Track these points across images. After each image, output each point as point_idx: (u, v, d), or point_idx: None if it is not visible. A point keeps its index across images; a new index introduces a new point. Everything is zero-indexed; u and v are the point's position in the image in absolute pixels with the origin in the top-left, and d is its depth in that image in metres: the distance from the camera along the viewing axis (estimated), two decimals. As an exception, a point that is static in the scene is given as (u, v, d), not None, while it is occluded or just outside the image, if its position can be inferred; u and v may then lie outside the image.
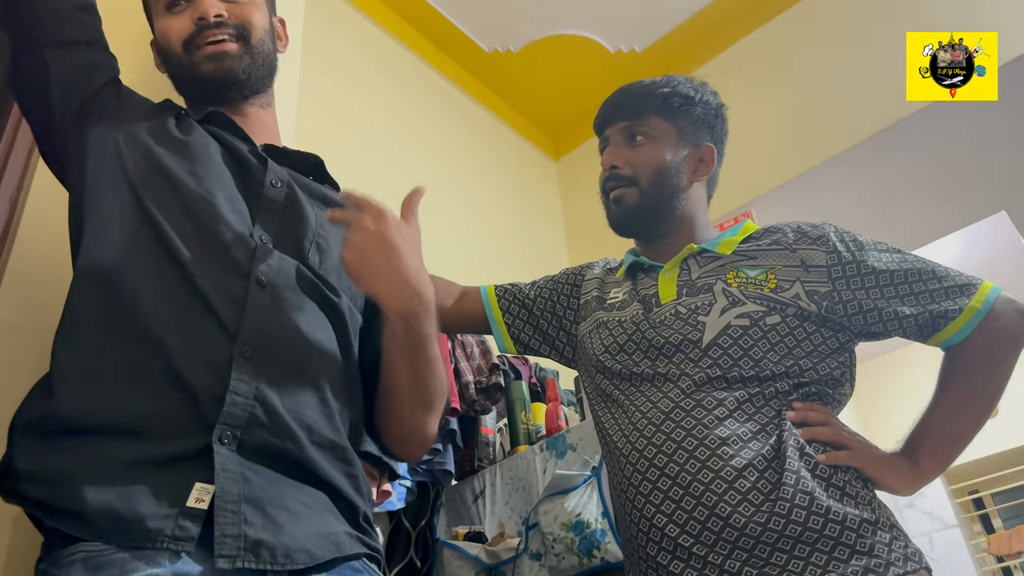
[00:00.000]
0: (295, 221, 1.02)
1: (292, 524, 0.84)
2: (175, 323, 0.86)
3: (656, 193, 1.24)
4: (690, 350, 1.08)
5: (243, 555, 0.79)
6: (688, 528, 0.97)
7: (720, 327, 1.08)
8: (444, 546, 1.74)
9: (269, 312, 0.91)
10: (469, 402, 1.87)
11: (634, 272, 1.28)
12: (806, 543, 0.93)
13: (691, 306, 1.12)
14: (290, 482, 0.87)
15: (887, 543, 0.93)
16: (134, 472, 0.79)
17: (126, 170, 0.97)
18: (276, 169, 1.06)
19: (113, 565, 0.74)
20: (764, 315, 1.08)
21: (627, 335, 1.16)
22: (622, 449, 1.08)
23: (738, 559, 0.94)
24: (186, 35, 1.09)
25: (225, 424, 0.82)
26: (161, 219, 0.93)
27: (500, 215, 2.93)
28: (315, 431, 0.90)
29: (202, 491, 0.79)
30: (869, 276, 1.10)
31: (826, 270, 1.11)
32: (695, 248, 1.21)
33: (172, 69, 1.13)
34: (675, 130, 1.27)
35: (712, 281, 1.14)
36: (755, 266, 1.15)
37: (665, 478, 1.01)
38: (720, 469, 0.98)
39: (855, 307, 1.09)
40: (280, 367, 0.89)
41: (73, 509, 0.76)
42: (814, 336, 1.08)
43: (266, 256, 0.95)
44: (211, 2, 1.09)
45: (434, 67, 2.99)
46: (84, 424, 0.81)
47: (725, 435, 1.00)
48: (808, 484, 0.96)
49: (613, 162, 1.28)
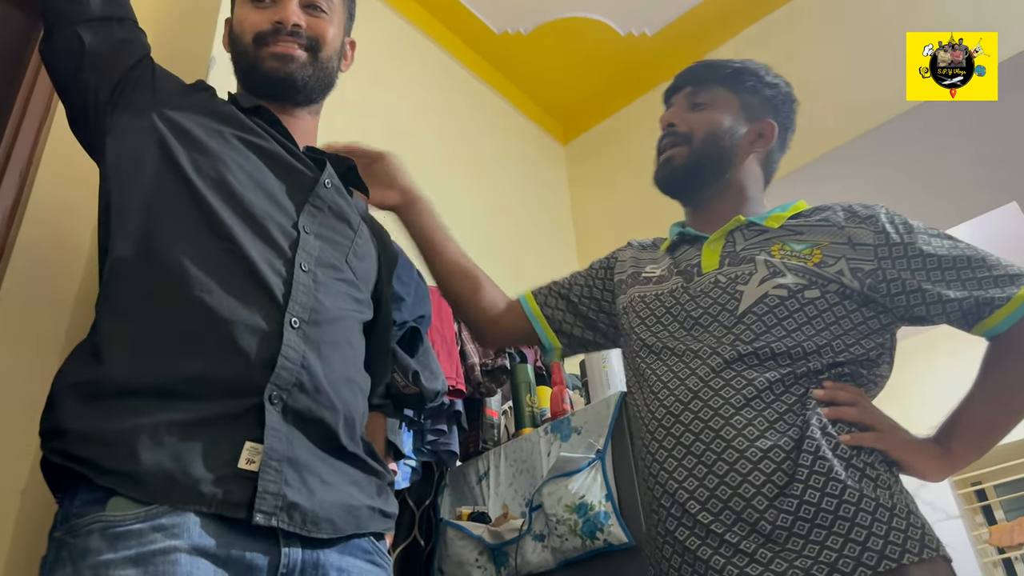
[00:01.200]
0: (338, 222, 1.08)
1: (323, 492, 0.88)
2: (224, 290, 0.89)
3: (706, 154, 1.24)
4: (725, 319, 1.08)
5: (279, 514, 0.82)
6: (709, 506, 0.97)
7: (757, 296, 1.07)
8: (448, 526, 1.75)
9: (312, 292, 0.96)
10: (474, 384, 1.88)
11: (678, 245, 1.27)
12: (822, 526, 0.92)
13: (731, 275, 1.12)
14: (322, 453, 0.90)
15: (903, 529, 0.92)
16: (186, 432, 0.81)
17: (165, 146, 1.00)
18: (331, 172, 1.11)
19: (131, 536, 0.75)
20: (803, 288, 1.06)
21: (665, 308, 1.16)
22: (648, 424, 1.08)
23: (755, 541, 0.94)
24: (260, 31, 1.13)
25: (275, 385, 0.86)
26: (205, 195, 0.96)
27: (507, 198, 2.92)
28: (348, 405, 0.95)
29: (252, 451, 0.82)
30: (916, 258, 1.07)
31: (872, 249, 1.09)
32: (743, 220, 1.20)
33: (237, 55, 1.17)
34: (738, 101, 1.28)
35: (756, 252, 1.14)
36: (801, 241, 1.14)
37: (690, 456, 1.01)
38: (745, 450, 0.98)
39: (899, 287, 1.07)
40: (322, 341, 0.94)
41: (126, 470, 0.78)
42: (854, 315, 1.07)
43: (307, 245, 0.99)
44: (294, 10, 1.14)
45: (442, 47, 2.97)
46: (136, 386, 0.83)
47: (751, 416, 1.00)
48: (825, 464, 0.95)
49: (671, 120, 1.30)
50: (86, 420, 0.82)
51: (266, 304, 0.91)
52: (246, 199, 0.97)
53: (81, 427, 0.81)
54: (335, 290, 1.00)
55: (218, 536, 0.79)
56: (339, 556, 0.88)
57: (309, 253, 0.99)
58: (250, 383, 0.85)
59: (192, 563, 0.75)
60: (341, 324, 1.00)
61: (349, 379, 0.97)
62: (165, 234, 0.93)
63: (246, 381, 0.86)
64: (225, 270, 0.91)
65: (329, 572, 0.86)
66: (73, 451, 0.81)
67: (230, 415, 0.84)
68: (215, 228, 0.94)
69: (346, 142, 1.31)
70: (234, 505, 0.80)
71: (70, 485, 0.82)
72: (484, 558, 1.68)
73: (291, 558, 0.83)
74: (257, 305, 0.90)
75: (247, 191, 0.98)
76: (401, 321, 1.51)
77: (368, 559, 0.93)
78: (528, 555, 1.59)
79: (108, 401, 0.83)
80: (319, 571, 0.85)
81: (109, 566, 0.74)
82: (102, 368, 0.85)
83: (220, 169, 0.98)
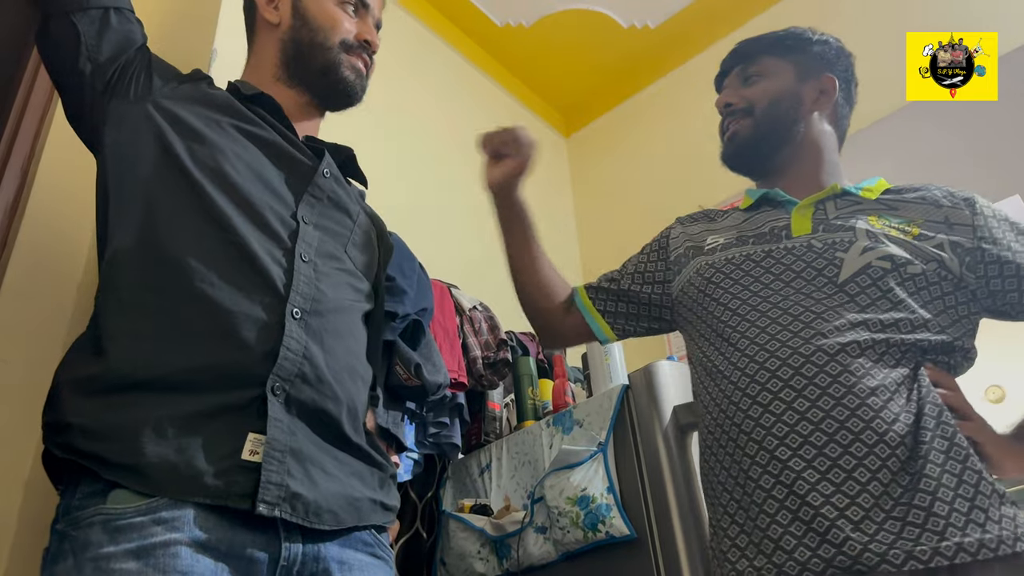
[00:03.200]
0: (337, 212, 1.08)
1: (326, 483, 0.88)
2: (225, 281, 0.89)
3: (772, 119, 1.22)
4: (822, 284, 1.04)
5: (282, 505, 0.82)
6: (831, 476, 0.92)
7: (860, 265, 1.03)
8: (450, 518, 1.75)
9: (313, 282, 0.95)
10: (477, 377, 1.88)
11: (758, 207, 1.23)
12: (944, 501, 0.89)
13: (828, 241, 1.07)
14: (325, 444, 0.90)
15: (1012, 516, 0.90)
16: (189, 424, 0.81)
17: (162, 136, 0.99)
18: (330, 162, 1.12)
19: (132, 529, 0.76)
20: (907, 262, 1.03)
21: (744, 271, 1.10)
22: (740, 385, 1.01)
23: (879, 512, 0.90)
24: (350, 39, 1.18)
25: (277, 376, 0.86)
26: (203, 184, 0.95)
27: (510, 191, 2.91)
28: (351, 396, 0.95)
29: (255, 442, 0.82)
30: (1017, 243, 1.06)
31: (971, 228, 1.07)
32: (838, 189, 1.18)
33: (310, 45, 1.17)
34: (791, 64, 1.25)
35: (852, 221, 1.10)
36: (897, 215, 1.11)
37: (805, 422, 0.95)
38: (871, 420, 0.93)
39: (996, 270, 1.05)
40: (324, 332, 0.94)
41: (131, 463, 0.79)
42: (948, 297, 1.04)
43: (307, 236, 0.99)
44: (374, 33, 1.24)
45: (444, 40, 2.96)
46: (139, 380, 0.83)
47: (874, 385, 0.95)
48: (945, 443, 0.93)
49: (727, 100, 1.27)
50: (90, 414, 0.82)
51: (267, 294, 0.90)
52: (245, 189, 0.97)
53: (85, 422, 0.81)
54: (336, 280, 1.00)
55: (219, 529, 0.79)
56: (340, 549, 0.88)
57: (309, 243, 0.98)
58: (252, 374, 0.85)
59: (193, 556, 0.75)
60: (343, 314, 0.99)
61: (352, 369, 0.97)
62: (164, 224, 0.93)
63: (248, 372, 0.85)
64: (225, 260, 0.91)
65: (330, 565, 0.86)
66: (78, 445, 0.81)
67: (233, 406, 0.83)
68: (214, 218, 0.93)
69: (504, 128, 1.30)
70: (238, 496, 0.80)
71: (72, 478, 0.82)
72: (486, 550, 1.68)
73: (291, 551, 0.83)
74: (258, 296, 0.90)
75: (245, 181, 0.98)
76: (404, 314, 1.51)
77: (369, 551, 0.92)
78: (530, 547, 1.59)
79: (111, 395, 0.83)
80: (319, 564, 0.85)
81: (110, 559, 0.74)
82: (104, 362, 0.84)
83: (218, 158, 0.98)
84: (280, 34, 1.19)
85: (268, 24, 1.20)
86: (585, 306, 1.34)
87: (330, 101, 1.20)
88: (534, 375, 1.95)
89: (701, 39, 3.05)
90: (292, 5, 1.19)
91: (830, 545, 0.89)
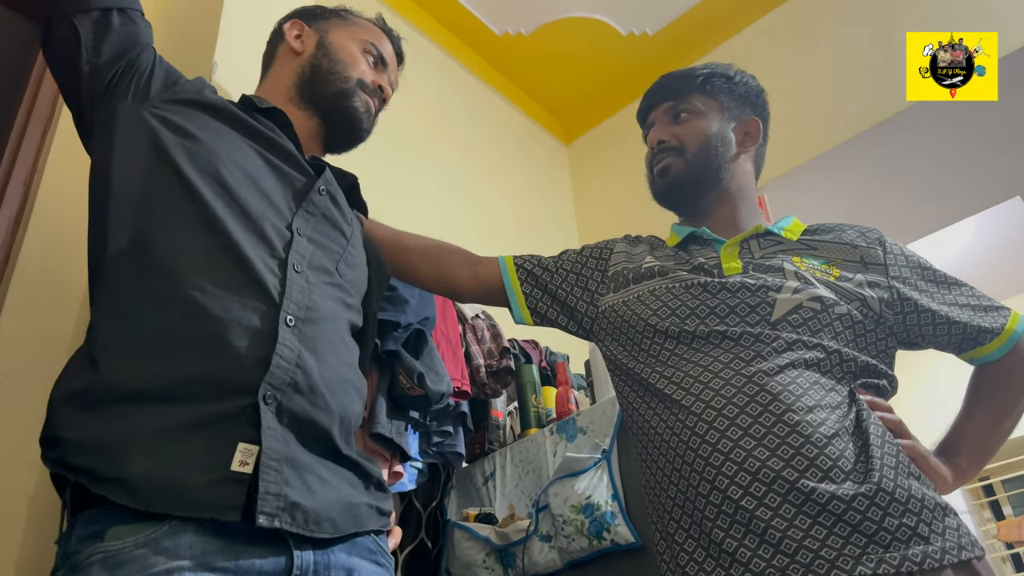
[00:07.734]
0: (332, 230, 1.08)
1: (323, 490, 0.87)
2: (218, 287, 0.88)
3: (703, 163, 1.25)
4: (755, 322, 1.07)
5: (281, 515, 0.80)
6: (776, 486, 0.93)
7: (791, 306, 1.07)
8: (455, 527, 1.75)
9: (306, 291, 0.95)
10: (480, 385, 1.88)
11: (685, 245, 1.26)
12: (893, 515, 0.91)
13: (761, 281, 1.10)
14: (315, 456, 0.89)
15: (955, 528, 0.93)
16: (178, 436, 0.80)
17: (158, 140, 0.98)
18: (328, 178, 1.12)
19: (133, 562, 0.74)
20: (834, 303, 1.07)
21: (687, 299, 1.12)
22: (692, 408, 1.02)
23: (825, 523, 0.91)
24: (367, 80, 1.25)
25: (269, 384, 0.84)
26: (199, 189, 0.94)
27: (510, 199, 2.92)
28: (344, 406, 0.94)
29: (246, 452, 0.80)
30: (922, 282, 1.14)
31: (884, 268, 1.13)
32: (761, 229, 1.21)
33: (328, 73, 1.23)
34: (719, 105, 1.28)
35: (778, 261, 1.14)
36: (817, 256, 1.17)
37: (749, 438, 0.97)
38: (811, 435, 0.95)
39: (911, 306, 1.11)
40: (317, 340, 0.93)
41: (119, 477, 0.77)
42: (871, 334, 1.09)
43: (300, 247, 0.99)
44: (388, 81, 1.31)
45: (444, 49, 2.97)
46: (129, 391, 0.82)
47: (811, 404, 0.98)
48: (892, 459, 0.96)
49: (660, 137, 1.29)
50: (81, 428, 0.81)
51: (261, 301, 0.89)
52: (241, 196, 0.96)
53: (76, 436, 0.80)
54: (327, 292, 0.99)
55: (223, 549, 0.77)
56: (347, 556, 0.88)
57: (302, 255, 0.98)
58: (243, 382, 0.84)
59: None
60: (335, 323, 0.98)
61: (344, 379, 0.96)
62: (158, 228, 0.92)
63: (239, 380, 0.84)
64: (219, 265, 0.90)
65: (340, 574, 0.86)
66: (69, 460, 0.80)
67: (223, 416, 0.82)
68: (209, 222, 0.92)
69: None
70: (229, 508, 0.78)
71: (70, 518, 0.81)
72: (491, 559, 1.68)
73: (304, 560, 0.82)
74: (251, 301, 0.88)
75: (242, 188, 0.97)
76: (406, 323, 1.51)
77: (372, 559, 0.92)
78: (535, 556, 1.59)
79: (102, 408, 0.81)
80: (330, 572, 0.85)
81: None
82: (96, 374, 0.83)
83: (215, 164, 0.97)
84: (301, 60, 1.23)
85: (291, 52, 1.25)
86: (510, 281, 1.32)
87: (337, 130, 1.22)
88: (537, 383, 1.95)
89: (700, 46, 3.06)
90: (318, 40, 1.25)
91: (783, 555, 0.90)
